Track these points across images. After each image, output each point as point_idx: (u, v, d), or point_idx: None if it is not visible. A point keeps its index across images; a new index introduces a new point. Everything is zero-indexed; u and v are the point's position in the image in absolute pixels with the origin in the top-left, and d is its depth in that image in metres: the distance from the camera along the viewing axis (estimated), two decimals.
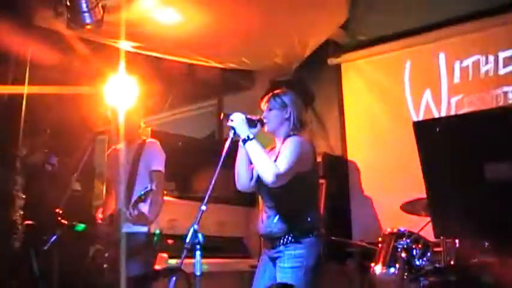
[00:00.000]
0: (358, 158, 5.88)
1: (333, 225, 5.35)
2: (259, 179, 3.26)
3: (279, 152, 3.26)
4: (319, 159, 5.59)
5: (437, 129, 2.14)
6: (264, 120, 3.33)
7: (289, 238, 3.18)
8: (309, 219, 3.23)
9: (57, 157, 4.74)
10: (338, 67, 6.17)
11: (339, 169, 5.90)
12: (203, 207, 2.83)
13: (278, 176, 3.07)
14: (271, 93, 3.42)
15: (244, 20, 5.05)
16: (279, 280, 3.18)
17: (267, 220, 3.26)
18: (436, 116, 5.33)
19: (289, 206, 3.24)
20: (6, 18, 4.25)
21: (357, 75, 6.06)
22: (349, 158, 5.94)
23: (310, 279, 3.15)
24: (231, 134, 3.20)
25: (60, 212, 4.02)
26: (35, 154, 4.76)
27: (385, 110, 5.76)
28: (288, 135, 3.30)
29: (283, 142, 3.29)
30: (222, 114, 3.37)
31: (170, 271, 3.99)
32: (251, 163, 3.27)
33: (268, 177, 3.07)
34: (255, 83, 6.81)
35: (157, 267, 4.31)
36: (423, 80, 5.53)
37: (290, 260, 3.17)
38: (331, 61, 6.16)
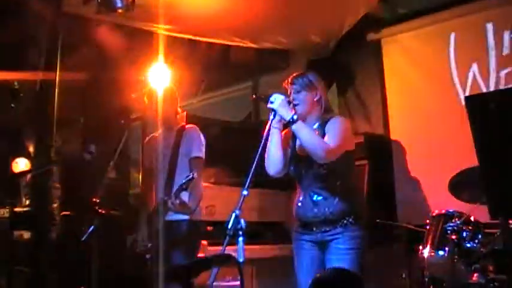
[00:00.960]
0: (402, 137, 5.77)
1: (378, 207, 5.32)
2: (301, 162, 3.26)
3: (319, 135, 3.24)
4: (360, 139, 5.57)
5: (491, 104, 2.06)
6: (294, 102, 3.28)
7: (350, 219, 3.21)
8: (362, 200, 3.39)
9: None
10: (378, 43, 6.05)
11: (382, 149, 5.82)
12: (245, 192, 2.81)
13: (329, 151, 3.10)
14: (295, 74, 3.39)
15: (282, 3, 4.98)
16: (330, 263, 3.18)
17: (325, 202, 3.23)
18: (484, 91, 5.18)
19: (345, 186, 3.26)
20: (36, 4, 4.29)
21: (398, 51, 5.93)
22: (393, 137, 5.84)
23: (362, 263, 3.20)
24: (271, 116, 3.17)
25: (97, 201, 4.06)
26: (70, 143, 4.82)
27: (429, 86, 5.63)
28: (324, 118, 3.30)
29: (320, 125, 3.29)
30: (254, 95, 3.34)
31: (221, 258, 4.00)
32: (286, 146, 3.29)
33: (320, 153, 3.09)
34: (290, 63, 6.77)
35: (199, 255, 4.33)
36: (469, 53, 5.38)
37: (349, 242, 3.20)
38: (371, 37, 6.04)
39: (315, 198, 3.28)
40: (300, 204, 3.34)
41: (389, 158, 5.79)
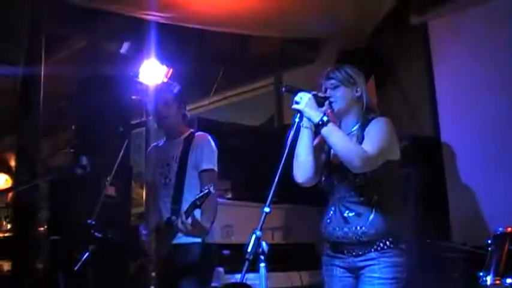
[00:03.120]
0: (455, 140, 5.68)
1: (428, 224, 5.20)
2: (334, 171, 3.21)
3: (356, 140, 3.18)
4: (405, 142, 5.45)
5: None
6: (331, 99, 3.23)
7: (388, 242, 3.11)
8: (404, 219, 3.24)
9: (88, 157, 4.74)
10: (424, 27, 5.99)
11: (432, 154, 5.74)
12: (267, 209, 2.74)
13: (367, 160, 3.02)
14: (331, 68, 3.33)
15: None
16: None
17: (358, 218, 3.15)
18: None
19: (384, 201, 3.17)
20: None
21: (449, 35, 5.83)
22: (444, 139, 5.76)
23: None
24: (297, 119, 3.11)
25: (93, 223, 4.01)
26: (59, 155, 4.78)
27: (488, 77, 5.50)
28: (365, 119, 3.24)
29: (361, 126, 3.23)
30: (283, 88, 3.26)
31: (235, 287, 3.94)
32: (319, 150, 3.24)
33: (356, 161, 3.01)
34: (319, 55, 6.76)
35: (214, 284, 4.27)
36: None
37: (387, 270, 3.08)
38: (415, 19, 5.98)
39: (346, 214, 3.19)
40: (328, 220, 3.26)
41: (441, 165, 5.70)
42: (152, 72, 4.92)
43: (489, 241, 4.02)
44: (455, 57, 5.77)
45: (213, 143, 4.21)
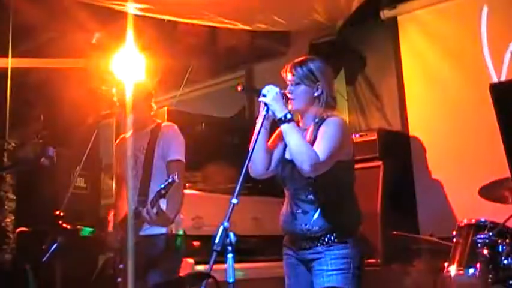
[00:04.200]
0: (423, 134, 5.74)
1: (395, 216, 5.27)
2: (287, 167, 3.23)
3: (310, 137, 3.20)
4: (373, 136, 5.52)
5: None
6: (289, 96, 3.23)
7: (332, 237, 3.16)
8: (352, 215, 3.24)
9: (55, 148, 4.70)
10: (394, 21, 6.04)
11: (400, 148, 5.80)
12: (234, 200, 2.74)
13: (317, 165, 3.03)
14: (295, 62, 3.31)
15: None
16: (320, 286, 3.13)
17: (304, 216, 3.20)
18: None
19: (331, 199, 3.20)
20: None
21: (418, 30, 5.90)
22: (412, 133, 5.81)
23: (357, 285, 3.13)
24: (264, 112, 3.12)
25: (61, 214, 3.98)
26: (27, 146, 4.72)
27: (456, 71, 5.59)
28: (321, 117, 3.24)
29: (316, 125, 3.23)
30: (239, 87, 3.26)
31: (197, 277, 3.92)
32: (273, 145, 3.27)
33: (305, 166, 3.02)
34: (291, 47, 6.75)
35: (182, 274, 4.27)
36: (506, 30, 5.33)
37: (334, 262, 3.13)
38: (385, 14, 6.02)
39: (294, 210, 3.24)
40: (282, 214, 3.32)
41: (408, 158, 5.76)
42: (126, 63, 4.87)
43: (454, 232, 4.12)
44: (424, 52, 5.82)
45: (180, 134, 4.20)
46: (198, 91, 7.51)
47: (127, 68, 4.34)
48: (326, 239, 3.14)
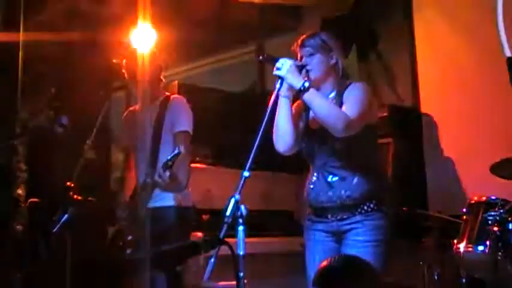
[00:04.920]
0: (435, 111, 5.69)
1: (405, 193, 5.26)
2: (315, 137, 3.23)
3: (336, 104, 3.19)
4: (384, 112, 5.50)
5: None
6: (307, 67, 3.23)
7: (371, 205, 3.15)
8: (386, 181, 3.27)
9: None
10: None
11: (411, 124, 5.79)
12: (246, 174, 2.75)
13: (350, 124, 3.03)
14: (306, 35, 3.32)
15: None
16: None
17: (342, 183, 3.18)
18: None
19: (366, 164, 3.21)
20: None
21: (431, 5, 5.83)
22: (423, 110, 5.77)
23: (387, 257, 3.15)
24: (278, 85, 3.11)
25: (72, 186, 4.00)
26: (39, 116, 4.73)
27: (470, 47, 5.53)
28: (343, 85, 3.26)
29: (338, 92, 3.24)
30: (260, 56, 3.26)
31: (212, 243, 3.94)
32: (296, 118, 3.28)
33: (339, 126, 3.02)
34: (302, 22, 6.71)
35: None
36: None
37: (371, 233, 3.14)
38: None
39: (329, 178, 3.22)
40: (312, 186, 3.29)
41: (419, 135, 5.74)
42: (137, 36, 4.85)
43: (464, 210, 4.10)
44: (438, 27, 5.76)
45: (188, 106, 4.20)
46: (209, 65, 7.48)
47: (137, 41, 4.31)
48: (366, 207, 3.15)
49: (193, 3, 5.78)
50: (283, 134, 3.25)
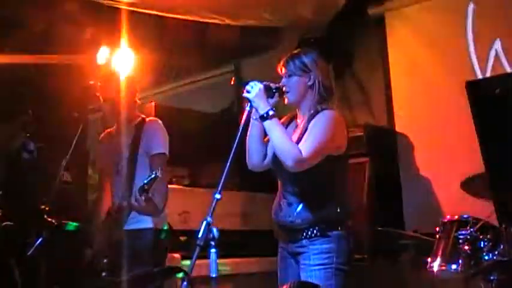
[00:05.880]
0: (409, 130, 5.75)
1: (381, 212, 5.30)
2: (277, 159, 3.21)
3: (302, 130, 3.22)
4: (360, 132, 5.52)
5: (496, 90, 2.00)
6: (284, 89, 3.26)
7: (315, 231, 3.17)
8: (338, 209, 3.22)
9: (42, 143, 4.68)
10: (381, 18, 6.04)
11: (386, 144, 5.81)
12: (217, 196, 2.77)
13: (300, 162, 3.05)
14: (289, 55, 3.35)
15: None
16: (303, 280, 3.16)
17: (288, 208, 3.24)
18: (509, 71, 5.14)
19: (316, 193, 3.22)
20: None
21: (404, 27, 5.90)
22: (398, 129, 5.81)
23: (341, 281, 3.14)
24: (248, 107, 3.14)
25: (47, 208, 3.97)
26: (13, 139, 4.70)
27: (442, 68, 5.59)
28: (315, 109, 3.25)
29: (309, 117, 3.24)
30: (232, 80, 3.29)
31: (169, 271, 3.93)
32: (265, 137, 3.27)
33: (288, 162, 3.05)
34: (280, 43, 6.70)
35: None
36: (491, 28, 5.34)
37: (317, 257, 3.15)
38: (372, 10, 6.02)
39: (281, 202, 3.29)
40: (273, 205, 3.37)
41: (394, 154, 5.77)
42: (113, 58, 4.87)
43: (437, 228, 4.12)
44: (411, 49, 5.82)
45: (163, 128, 4.19)
46: (187, 86, 7.49)
47: (113, 63, 4.33)
48: (309, 233, 3.16)
49: (171, 25, 5.78)
50: (252, 152, 3.32)
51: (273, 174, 3.38)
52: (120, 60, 4.48)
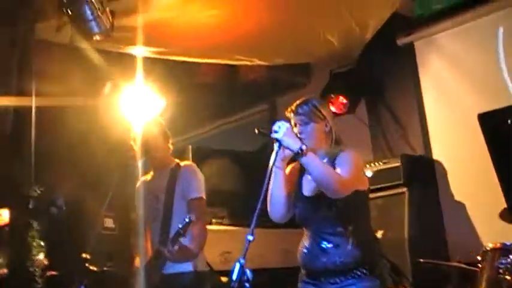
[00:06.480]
0: (446, 157, 5.66)
1: (423, 243, 5.19)
2: (307, 203, 3.26)
3: None
4: (397, 163, 5.46)
5: (509, 120, 1.98)
6: (301, 136, 3.23)
7: (364, 270, 3.15)
8: (376, 246, 3.26)
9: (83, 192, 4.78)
10: (411, 47, 5.99)
11: (424, 173, 5.72)
12: (250, 237, 2.81)
13: (344, 183, 3.09)
14: (297, 103, 3.36)
15: (287, 7, 4.94)
16: None
17: (336, 250, 3.18)
18: None
19: (359, 230, 3.22)
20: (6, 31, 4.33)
21: (435, 54, 5.85)
22: (435, 157, 5.73)
23: None
24: (276, 147, 3.14)
25: (88, 257, 4.03)
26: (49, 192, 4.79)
27: (475, 93, 5.51)
28: (334, 152, 3.28)
29: (330, 159, 3.26)
30: (256, 129, 3.30)
31: None
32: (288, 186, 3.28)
33: (333, 186, 3.06)
34: (311, 78, 6.74)
35: None
36: None
37: None
38: (401, 40, 5.98)
39: (323, 245, 3.22)
40: (305, 251, 3.29)
41: (433, 182, 5.69)
42: (146, 105, 4.96)
43: (478, 258, 4.03)
44: (442, 76, 5.78)
45: (199, 172, 4.24)
46: (221, 127, 7.54)
47: (151, 111, 4.40)
48: (358, 273, 3.14)
49: (201, 68, 5.86)
50: (276, 203, 3.28)
51: (300, 221, 3.34)
52: (150, 107, 4.55)
